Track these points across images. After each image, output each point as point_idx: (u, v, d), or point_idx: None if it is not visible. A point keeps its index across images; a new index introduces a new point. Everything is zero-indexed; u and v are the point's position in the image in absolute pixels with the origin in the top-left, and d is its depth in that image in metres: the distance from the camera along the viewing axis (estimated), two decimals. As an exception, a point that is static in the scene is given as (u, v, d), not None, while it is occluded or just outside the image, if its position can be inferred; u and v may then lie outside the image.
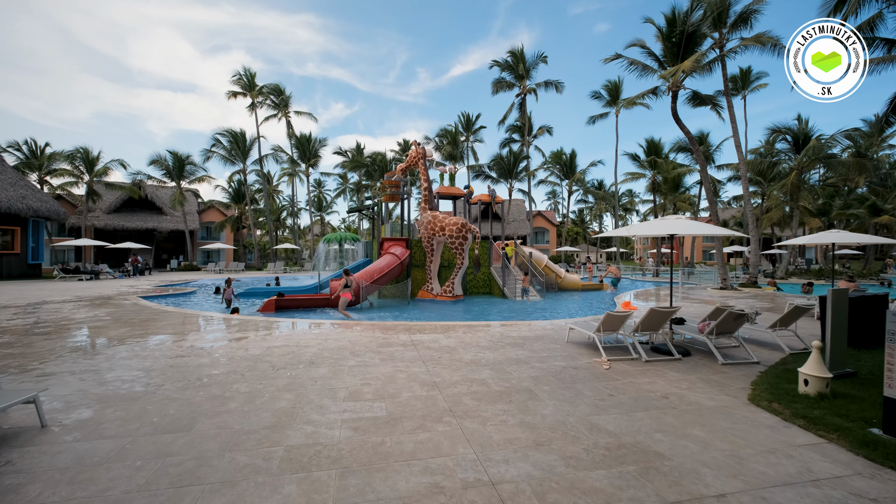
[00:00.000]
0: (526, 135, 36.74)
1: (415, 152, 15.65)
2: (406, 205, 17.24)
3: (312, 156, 38.20)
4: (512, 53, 33.33)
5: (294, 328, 8.97)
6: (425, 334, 8.31)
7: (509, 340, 7.86)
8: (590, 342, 7.73)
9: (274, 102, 39.07)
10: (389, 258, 14.10)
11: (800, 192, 23.60)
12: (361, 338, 7.91)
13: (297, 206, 49.80)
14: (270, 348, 7.06)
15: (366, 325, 9.20)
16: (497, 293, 16.82)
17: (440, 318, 11.62)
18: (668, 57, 18.19)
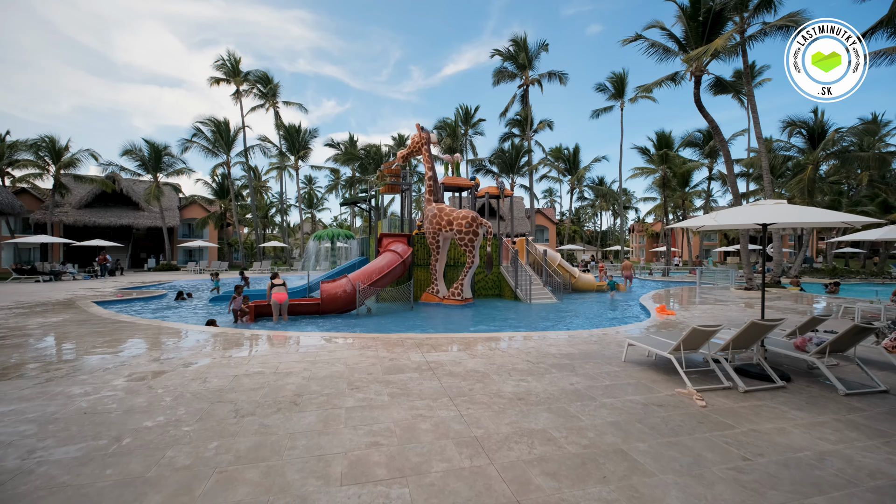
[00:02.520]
0: (527, 129, 35.14)
1: (418, 137, 13.87)
2: (407, 197, 15.47)
3: (302, 147, 36.00)
4: (514, 42, 31.64)
5: (273, 345, 7.15)
6: (443, 352, 6.56)
7: (551, 360, 6.16)
8: (656, 362, 6.07)
9: (261, 91, 36.84)
10: (390, 256, 12.32)
11: (815, 187, 22.40)
12: (362, 359, 6.13)
13: (287, 202, 47.61)
14: (238, 377, 5.25)
15: (365, 340, 7.41)
16: (508, 295, 15.14)
17: (453, 327, 9.88)
18: (691, 38, 16.66)
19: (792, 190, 22.87)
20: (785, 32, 17.70)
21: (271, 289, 9.89)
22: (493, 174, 32.87)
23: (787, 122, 24.21)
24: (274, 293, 9.71)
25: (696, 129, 31.31)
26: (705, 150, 30.73)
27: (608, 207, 55.85)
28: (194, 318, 11.08)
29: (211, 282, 16.40)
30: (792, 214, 5.13)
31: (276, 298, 9.61)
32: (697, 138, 31.61)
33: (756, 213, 5.30)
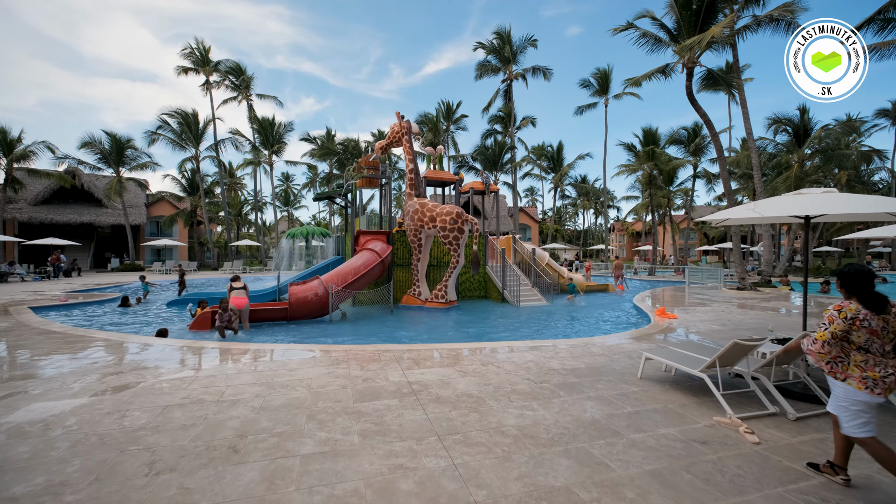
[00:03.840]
0: (510, 125, 34.38)
1: (398, 126, 12.78)
2: (386, 191, 14.36)
3: (276, 142, 34.17)
4: (498, 35, 30.75)
5: (224, 361, 5.99)
6: (427, 369, 5.54)
7: (555, 377, 5.22)
8: (676, 378, 5.21)
9: (233, 83, 34.91)
10: (368, 255, 11.21)
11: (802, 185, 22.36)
12: (329, 379, 5.05)
13: (262, 199, 45.61)
14: (170, 409, 4.11)
15: (336, 354, 6.32)
16: (495, 296, 14.23)
17: (438, 335, 8.86)
18: (683, 29, 16.10)
19: (779, 188, 22.81)
20: (775, 26, 17.38)
21: (230, 292, 8.67)
22: (477, 171, 32.00)
23: (773, 119, 24.16)
24: (232, 297, 8.48)
25: (682, 127, 31.25)
26: (690, 148, 30.64)
27: (590, 206, 55.82)
28: (145, 326, 9.73)
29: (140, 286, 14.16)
30: (843, 205, 4.32)
31: (234, 303, 8.39)
32: (683, 136, 31.49)
33: (800, 203, 4.48)
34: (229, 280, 9.02)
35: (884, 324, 2.68)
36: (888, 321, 2.70)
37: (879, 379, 2.64)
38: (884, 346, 2.70)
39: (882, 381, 2.63)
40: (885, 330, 2.69)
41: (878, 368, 2.65)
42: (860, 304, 2.73)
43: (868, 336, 2.68)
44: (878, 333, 2.67)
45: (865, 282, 2.74)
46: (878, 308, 2.68)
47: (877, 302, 2.69)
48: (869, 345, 2.69)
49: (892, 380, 2.64)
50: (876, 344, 2.69)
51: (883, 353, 2.70)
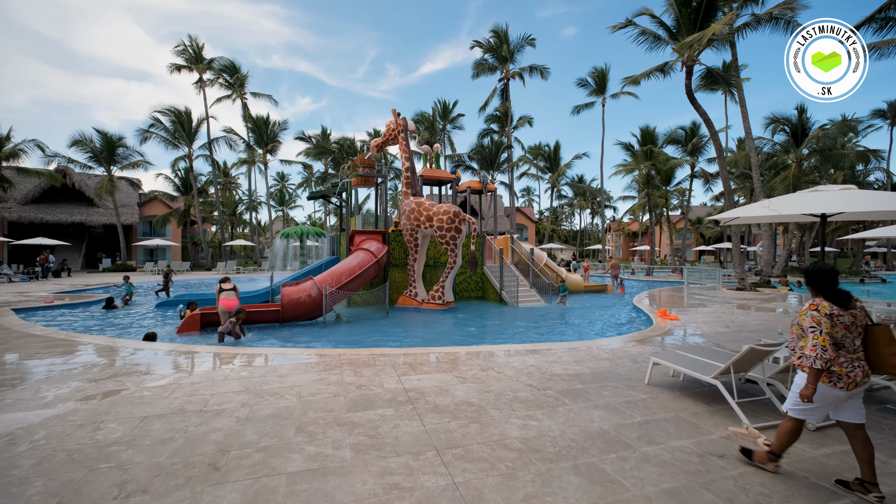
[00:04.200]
0: (507, 125, 34.16)
1: (393, 123, 12.50)
2: (382, 190, 14.07)
3: (271, 140, 33.73)
4: (495, 33, 30.53)
5: (212, 367, 5.70)
6: (424, 374, 5.28)
7: (559, 383, 4.98)
8: (685, 384, 4.98)
9: (227, 81, 34.44)
10: (363, 256, 10.93)
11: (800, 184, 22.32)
12: (321, 387, 4.78)
13: (257, 199, 45.15)
14: (148, 421, 3.83)
15: (329, 359, 6.05)
16: (492, 297, 13.99)
17: (435, 337, 8.60)
18: (683, 27, 15.93)
19: (777, 187, 22.74)
20: (774, 24, 17.26)
21: (219, 293, 8.37)
22: (474, 170, 31.76)
23: (772, 118, 24.10)
24: (222, 299, 8.18)
25: (679, 126, 31.17)
26: (688, 148, 30.57)
27: (587, 206, 55.75)
28: (132, 329, 9.41)
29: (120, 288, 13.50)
30: (862, 202, 4.11)
31: (223, 305, 8.08)
32: (680, 135, 31.42)
33: (818, 200, 4.26)
34: (218, 281, 8.70)
35: (853, 319, 2.76)
36: (856, 316, 2.77)
37: (845, 374, 2.71)
38: (854, 342, 2.77)
39: (847, 377, 2.71)
40: (854, 325, 2.77)
41: (846, 364, 2.72)
42: (830, 301, 2.78)
43: (843, 332, 2.74)
44: (850, 328, 2.75)
45: (830, 279, 2.82)
46: (843, 303, 2.76)
47: (841, 297, 2.78)
48: (844, 340, 2.74)
49: (857, 374, 2.71)
50: (849, 339, 2.75)
51: (853, 349, 2.76)
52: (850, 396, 2.75)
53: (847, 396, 2.74)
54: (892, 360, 2.71)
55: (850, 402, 2.79)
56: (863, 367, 2.74)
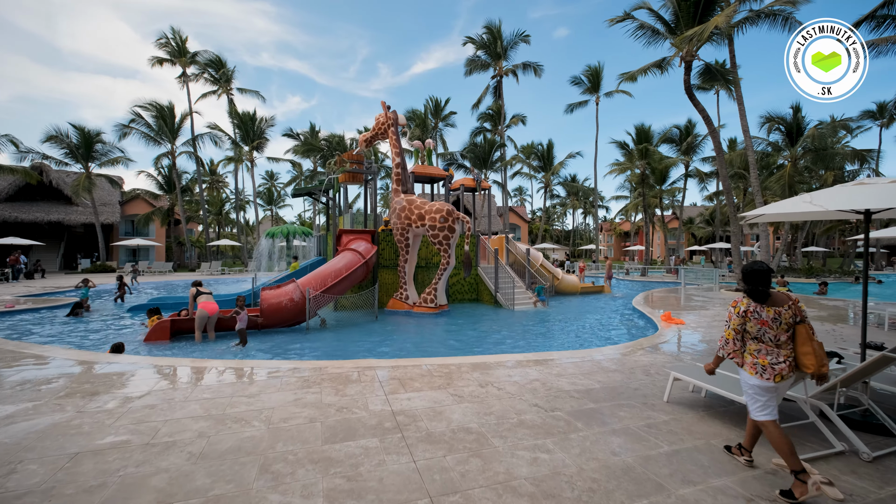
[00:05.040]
0: (500, 123, 33.66)
1: (383, 117, 11.85)
2: (371, 187, 13.40)
3: (257, 137, 32.74)
4: (489, 30, 29.97)
5: (169, 383, 5.02)
6: (416, 392, 4.66)
7: (568, 402, 4.40)
8: (708, 401, 4.43)
9: (213, 77, 33.40)
10: (350, 256, 10.25)
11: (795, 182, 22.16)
12: (296, 409, 4.13)
13: (244, 197, 44.05)
14: (79, 458, 3.15)
15: (308, 373, 5.39)
16: (487, 299, 13.41)
17: (428, 345, 7.97)
18: (682, 21, 15.53)
19: (772, 187, 22.55)
20: (772, 21, 16.97)
21: (195, 298, 7.65)
22: (466, 168, 31.18)
23: (767, 117, 23.92)
24: (201, 303, 7.50)
25: (674, 125, 30.92)
26: (682, 147, 30.35)
27: (580, 205, 55.55)
28: (96, 338, 8.63)
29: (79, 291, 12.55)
30: (917, 196, 3.58)
31: (204, 309, 7.39)
32: (674, 134, 31.20)
33: (862, 194, 3.73)
34: (191, 285, 7.95)
35: (776, 315, 2.87)
36: (781, 313, 2.88)
37: (768, 365, 2.86)
38: (778, 337, 2.89)
39: (771, 368, 2.86)
40: (777, 321, 2.88)
41: (768, 356, 2.88)
42: (750, 298, 2.95)
43: (759, 326, 2.90)
44: (769, 324, 2.88)
45: (755, 278, 2.93)
46: (760, 299, 2.91)
47: (759, 295, 2.92)
48: (761, 334, 2.91)
49: (782, 367, 2.85)
50: (769, 334, 2.89)
51: (777, 343, 2.90)
52: (779, 388, 2.90)
53: (777, 388, 2.88)
54: (804, 359, 2.87)
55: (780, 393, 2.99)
56: (790, 361, 2.88)
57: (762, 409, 2.92)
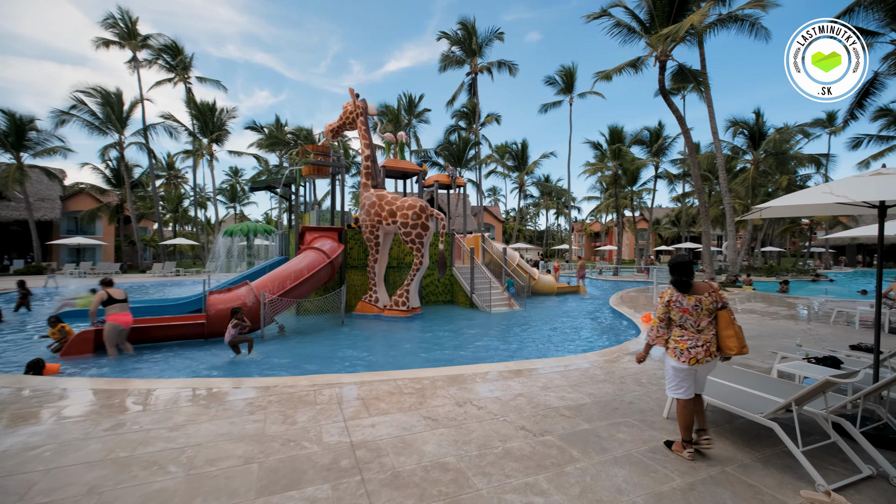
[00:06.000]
0: (475, 122, 33.21)
1: (351, 105, 10.99)
2: (339, 181, 12.51)
3: (217, 128, 30.75)
4: (463, 26, 29.41)
5: (72, 413, 4.08)
6: (382, 415, 3.93)
7: (561, 424, 3.80)
8: (716, 420, 3.94)
9: (168, 63, 31.12)
10: (313, 256, 9.35)
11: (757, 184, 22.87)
12: (228, 445, 3.32)
13: (205, 194, 41.55)
14: None
15: (253, 394, 4.56)
16: (462, 301, 12.79)
17: (398, 354, 7.23)
18: (657, 20, 15.51)
19: (737, 188, 23.17)
20: (739, 26, 17.31)
21: (107, 305, 6.27)
22: (440, 166, 30.55)
23: (732, 121, 24.65)
24: (112, 315, 6.27)
25: (644, 127, 31.47)
26: (653, 149, 30.94)
27: (553, 206, 56.11)
28: (7, 354, 7.36)
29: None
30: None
31: (118, 322, 6.26)
32: (645, 136, 31.77)
33: (878, 184, 3.33)
34: (101, 284, 6.47)
35: (696, 303, 3.09)
36: (701, 300, 3.09)
37: (686, 350, 3.10)
38: (698, 322, 3.12)
39: (688, 352, 3.09)
40: (698, 308, 3.10)
41: (688, 342, 3.10)
42: (674, 288, 3.16)
43: (681, 314, 3.13)
44: (690, 311, 3.10)
45: (678, 269, 3.15)
46: (682, 289, 3.12)
47: (682, 285, 3.12)
48: (683, 321, 3.14)
49: (698, 351, 3.07)
50: (689, 320, 3.12)
51: (698, 329, 3.12)
52: (699, 371, 3.15)
53: (694, 371, 3.13)
54: (727, 341, 3.08)
55: (699, 376, 3.20)
56: (707, 346, 3.09)
57: (676, 388, 3.19)
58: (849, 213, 4.78)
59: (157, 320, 7.44)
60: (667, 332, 3.22)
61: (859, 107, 18.36)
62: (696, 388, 3.23)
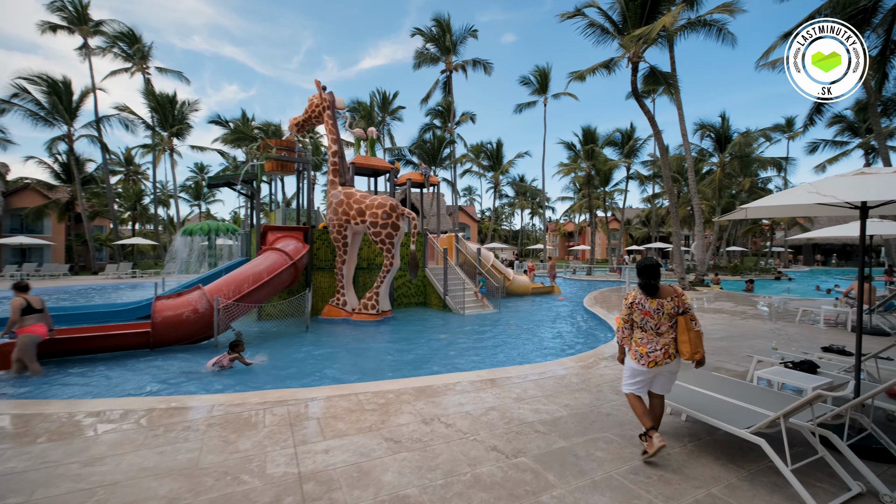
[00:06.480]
0: (450, 120, 32.89)
1: (318, 98, 10.42)
2: (305, 178, 11.88)
3: (178, 122, 29.07)
4: (438, 22, 29.00)
5: (-23, 443, 3.45)
6: (337, 438, 3.51)
7: (536, 442, 3.49)
8: (690, 426, 3.73)
9: (125, 52, 29.28)
10: (274, 257, 8.75)
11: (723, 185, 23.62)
12: (149, 483, 2.82)
13: (167, 190, 39.46)
14: None
15: (194, 413, 4.03)
16: (435, 303, 12.42)
17: (365, 362, 6.77)
18: (630, 21, 15.62)
19: (704, 190, 23.85)
20: (707, 31, 17.70)
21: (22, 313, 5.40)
22: (415, 164, 30.05)
23: (699, 125, 25.38)
24: (30, 325, 5.43)
25: (616, 129, 32.03)
26: (625, 150, 31.52)
27: (528, 205, 56.59)
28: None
29: None
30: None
31: (32, 332, 5.45)
32: (617, 138, 32.35)
33: (863, 185, 3.18)
34: (13, 289, 5.57)
35: (658, 306, 3.09)
36: (663, 304, 3.08)
37: (645, 354, 3.12)
38: (659, 326, 3.11)
39: (647, 356, 3.11)
40: (660, 312, 3.08)
41: (647, 345, 3.12)
42: (641, 290, 3.15)
43: (643, 316, 3.13)
44: (651, 314, 3.10)
45: (644, 272, 3.13)
46: (648, 292, 3.11)
47: (646, 288, 3.12)
48: (644, 324, 3.15)
49: (657, 354, 3.09)
50: (650, 323, 3.11)
51: (658, 332, 3.12)
52: (657, 374, 3.15)
53: (653, 373, 3.15)
54: (681, 346, 3.07)
55: (659, 378, 3.19)
56: (666, 350, 3.10)
57: (631, 386, 3.24)
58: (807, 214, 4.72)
59: (95, 329, 6.70)
60: (631, 333, 3.24)
61: (818, 112, 19.19)
62: (658, 389, 3.24)
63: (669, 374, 3.20)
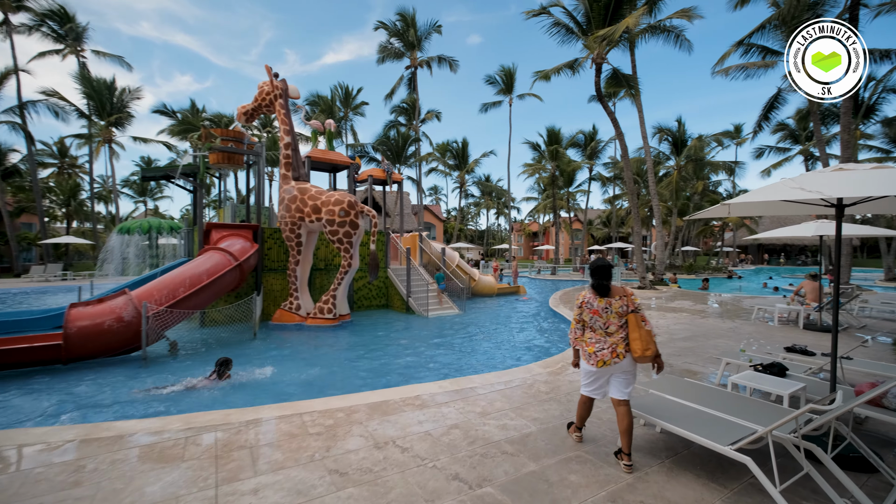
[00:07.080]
0: (415, 118, 32.30)
1: (269, 86, 9.60)
2: (255, 172, 10.99)
3: (117, 110, 26.67)
4: (402, 17, 28.32)
5: None
6: (271, 473, 2.95)
7: (503, 468, 3.10)
8: (667, 439, 3.46)
9: (55, 32, 26.51)
10: (217, 258, 7.90)
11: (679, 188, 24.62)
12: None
13: (108, 185, 36.26)
14: None
15: (96, 444, 3.33)
16: (398, 306, 11.89)
17: (314, 377, 6.12)
18: (594, 22, 15.75)
19: (662, 192, 24.71)
20: (666, 37, 18.22)
21: None
22: (378, 162, 29.24)
23: (658, 129, 26.29)
24: None
25: (579, 131, 32.69)
26: (587, 152, 32.20)
27: (493, 205, 56.92)
28: None
29: None
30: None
31: None
32: (580, 140, 33.01)
33: (841, 181, 3.02)
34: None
35: (606, 305, 3.12)
36: (611, 303, 3.11)
37: (593, 353, 3.15)
38: (607, 325, 3.13)
39: (595, 355, 3.14)
40: (608, 311, 3.12)
41: (596, 345, 3.15)
42: (594, 290, 3.19)
43: (591, 315, 3.17)
44: (599, 313, 3.13)
45: (597, 272, 3.19)
46: (600, 292, 3.15)
47: (598, 288, 3.16)
48: (593, 323, 3.17)
49: (604, 353, 3.10)
50: (599, 322, 3.15)
51: (607, 332, 3.14)
52: (610, 374, 3.14)
53: (605, 373, 3.14)
54: (632, 343, 3.05)
55: (614, 380, 3.15)
56: (614, 349, 3.08)
57: (587, 386, 3.26)
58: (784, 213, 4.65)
59: None
60: (583, 334, 3.23)
61: (765, 119, 20.28)
62: (617, 392, 3.13)
63: (624, 375, 3.12)
